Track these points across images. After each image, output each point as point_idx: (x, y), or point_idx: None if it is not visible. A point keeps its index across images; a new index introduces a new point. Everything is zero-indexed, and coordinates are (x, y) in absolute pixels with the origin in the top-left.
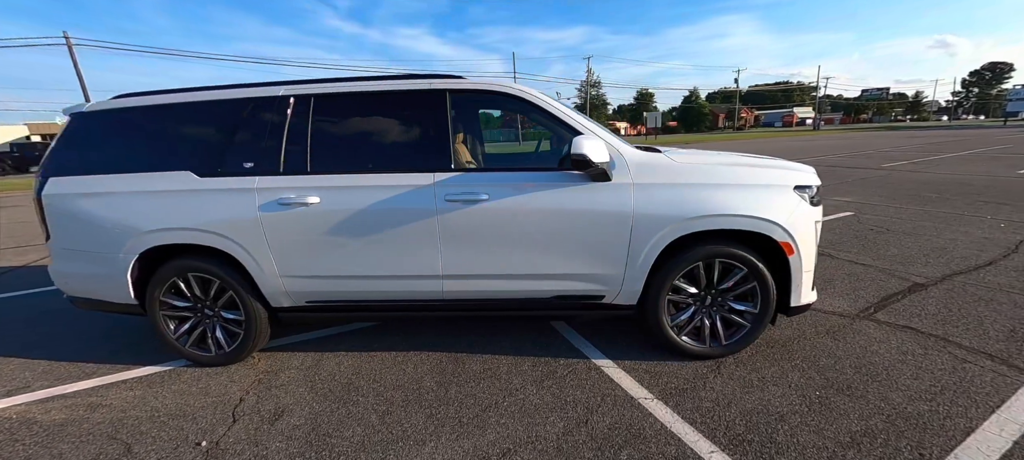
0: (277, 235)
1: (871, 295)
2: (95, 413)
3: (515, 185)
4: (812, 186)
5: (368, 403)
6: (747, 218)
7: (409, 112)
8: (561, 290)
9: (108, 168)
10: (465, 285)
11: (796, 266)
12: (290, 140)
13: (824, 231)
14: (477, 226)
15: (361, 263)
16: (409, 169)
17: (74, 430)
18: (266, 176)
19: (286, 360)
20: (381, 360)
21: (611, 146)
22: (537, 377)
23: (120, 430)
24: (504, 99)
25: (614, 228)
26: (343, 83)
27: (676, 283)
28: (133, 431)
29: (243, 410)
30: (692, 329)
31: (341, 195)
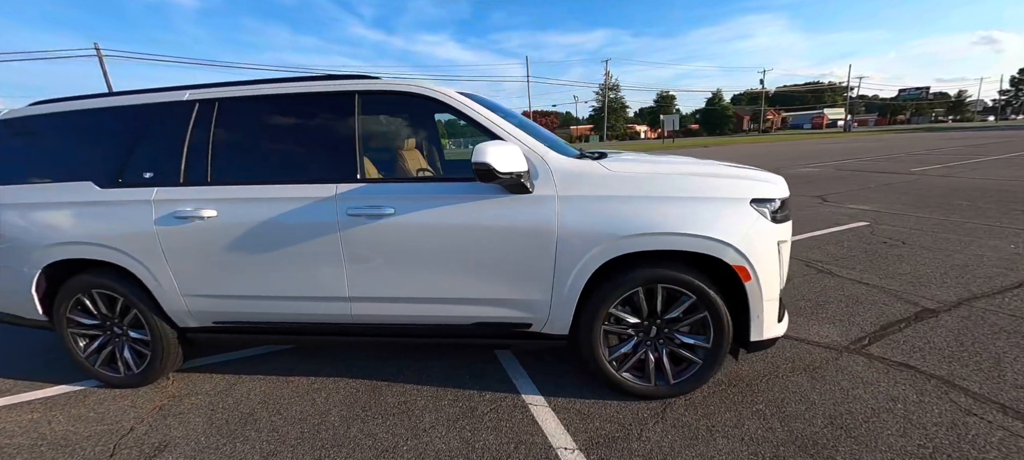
0: (175, 251)
1: (868, 322)
2: None
3: (426, 198)
4: (774, 200)
5: (259, 440)
6: (691, 237)
7: (315, 117)
8: (482, 316)
9: (16, 178)
10: (375, 308)
11: (754, 294)
12: (192, 148)
13: (828, 245)
14: (383, 243)
15: (263, 282)
16: (311, 180)
17: None
18: (165, 187)
19: (199, 383)
20: (296, 387)
21: (533, 153)
22: (453, 415)
23: None
24: (419, 101)
25: (536, 247)
26: (249, 85)
27: (612, 311)
28: None
29: (127, 442)
30: (635, 364)
31: (239, 208)
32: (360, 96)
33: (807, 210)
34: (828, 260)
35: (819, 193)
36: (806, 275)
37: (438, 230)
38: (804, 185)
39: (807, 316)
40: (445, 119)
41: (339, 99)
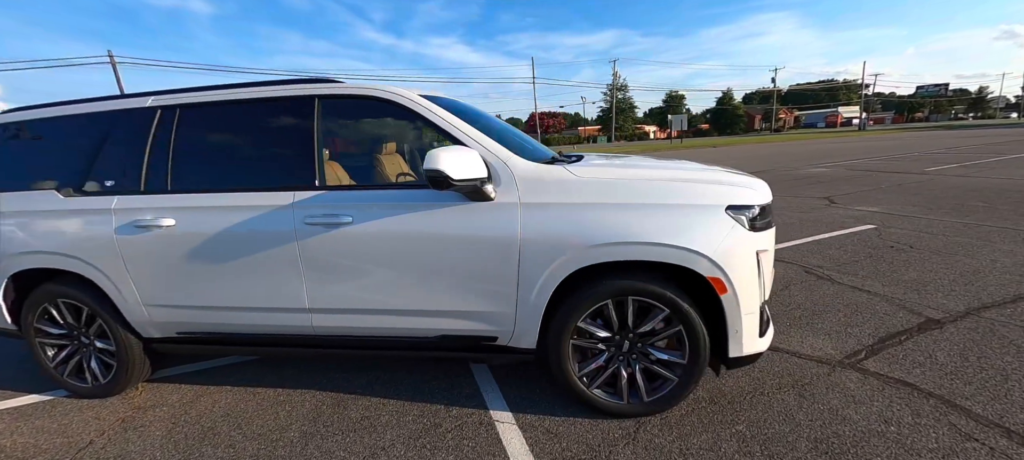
0: (135, 260)
1: (867, 334)
2: None
3: (384, 206)
4: (753, 207)
5: (215, 457)
6: (661, 247)
7: (274, 122)
8: (446, 329)
9: None
10: (336, 320)
11: (731, 307)
12: (153, 156)
13: (830, 249)
14: (342, 253)
15: (222, 293)
16: (269, 188)
17: None
18: (126, 195)
19: (166, 394)
20: (261, 399)
21: (496, 158)
22: (416, 432)
23: None
24: (378, 104)
25: (499, 257)
26: (211, 91)
27: (581, 325)
28: None
29: (83, 456)
30: (607, 380)
31: (198, 217)
32: (320, 101)
33: (812, 212)
34: (829, 265)
35: (827, 194)
36: (804, 282)
37: (397, 239)
38: (812, 186)
39: (801, 327)
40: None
41: (298, 104)
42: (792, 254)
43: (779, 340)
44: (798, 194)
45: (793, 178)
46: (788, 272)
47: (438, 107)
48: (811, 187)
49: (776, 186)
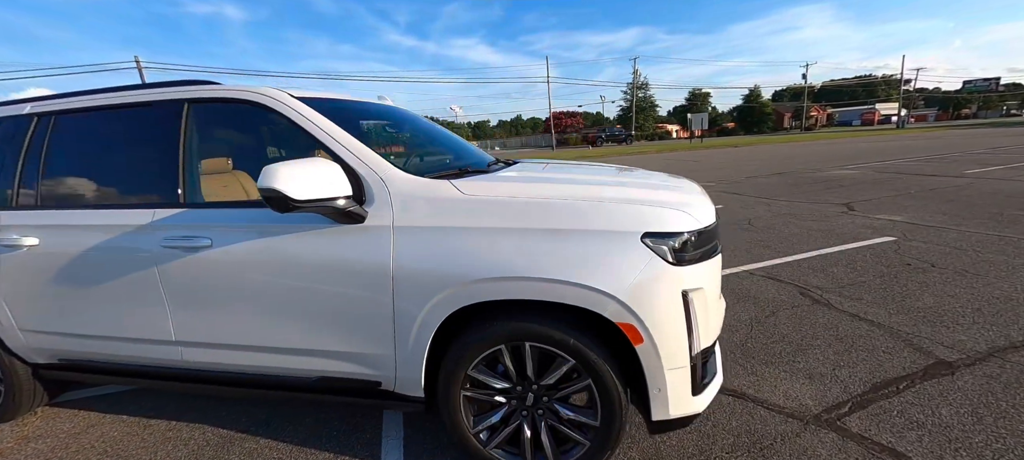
0: (4, 282)
1: (857, 378)
2: None
3: (246, 227)
4: (681, 234)
5: None
6: (557, 284)
7: (142, 130)
8: (324, 370)
9: None
10: (206, 355)
11: (650, 360)
12: (25, 167)
13: (836, 266)
14: (202, 280)
15: (92, 320)
16: (130, 205)
17: None
18: (6, 211)
19: (60, 423)
20: (149, 433)
21: (371, 171)
22: None
23: None
24: (249, 108)
25: (370, 290)
26: (88, 96)
27: (472, 373)
28: None
29: None
30: (509, 438)
31: (60, 236)
32: (190, 105)
33: (825, 221)
34: (830, 287)
35: (847, 200)
36: (796, 307)
37: (261, 266)
38: (832, 190)
39: (778, 365)
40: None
41: (166, 109)
42: (790, 271)
43: (748, 382)
44: (815, 200)
45: (812, 181)
46: (780, 294)
47: (310, 110)
48: (831, 192)
49: (790, 191)
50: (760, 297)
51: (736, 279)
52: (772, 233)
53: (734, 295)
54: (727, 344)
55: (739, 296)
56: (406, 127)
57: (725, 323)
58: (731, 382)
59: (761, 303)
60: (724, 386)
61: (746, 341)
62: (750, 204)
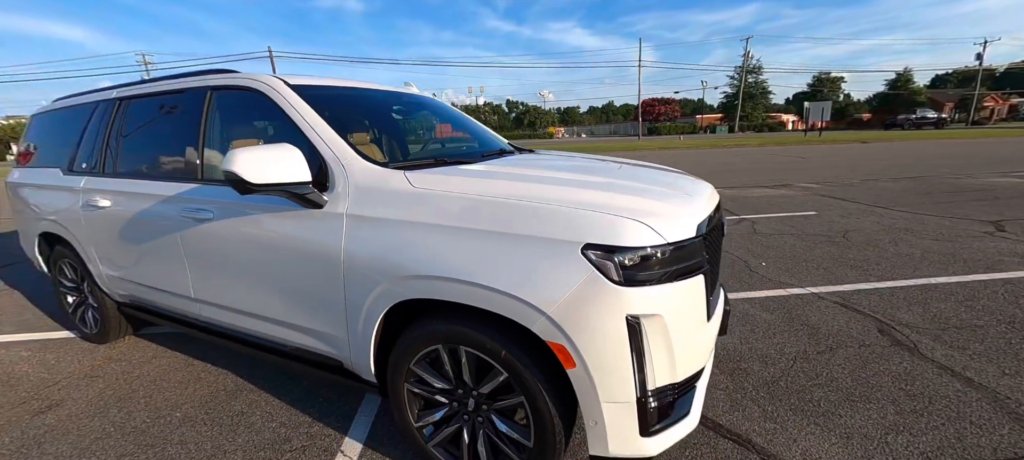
0: (92, 233)
1: (916, 450)
2: None
3: (233, 204)
4: (636, 248)
5: (109, 422)
6: (482, 290)
7: (174, 113)
8: (296, 342)
9: (35, 163)
10: (216, 314)
11: (584, 388)
12: (108, 143)
13: (946, 301)
14: (207, 248)
15: (142, 272)
16: (164, 177)
17: None
18: (91, 176)
19: (135, 351)
20: (189, 372)
21: (336, 159)
22: (264, 443)
23: None
24: (251, 94)
25: (324, 274)
26: (139, 85)
27: (414, 368)
28: None
29: (40, 393)
30: (449, 438)
31: (121, 201)
32: (212, 92)
33: (955, 243)
34: (925, 327)
35: (997, 218)
36: (866, 345)
37: (244, 240)
38: (978, 204)
39: (810, 415)
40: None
41: (192, 96)
42: (875, 301)
43: (760, 429)
44: (950, 213)
45: (955, 190)
46: (850, 326)
47: (297, 97)
48: (977, 205)
49: (918, 200)
50: (821, 328)
51: (796, 302)
52: (870, 251)
53: (788, 319)
54: (754, 377)
55: (793, 323)
56: (414, 114)
57: (756, 353)
58: (737, 424)
59: (820, 335)
60: (721, 426)
61: (780, 379)
62: (855, 213)
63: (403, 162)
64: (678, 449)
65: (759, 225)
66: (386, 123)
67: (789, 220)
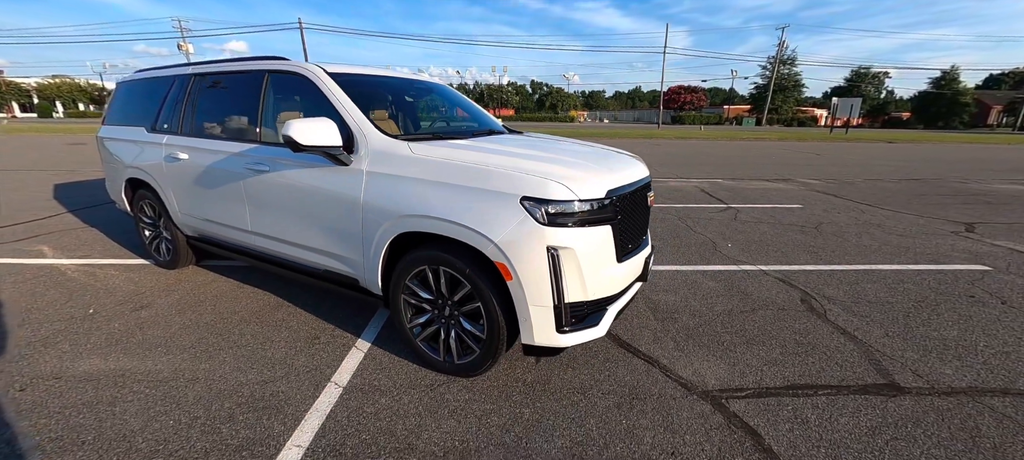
0: (171, 179)
1: (780, 376)
2: (81, 275)
3: (284, 160)
4: (556, 201)
5: (184, 322)
6: (454, 225)
7: (241, 88)
8: (326, 265)
9: (121, 121)
10: (266, 244)
11: (517, 295)
12: (186, 108)
13: (879, 284)
14: (263, 193)
15: (209, 210)
16: (230, 138)
17: (56, 281)
18: (170, 135)
19: (198, 275)
20: (240, 292)
21: (359, 131)
22: (299, 338)
23: (74, 288)
24: (299, 79)
25: (349, 214)
26: (210, 63)
27: (408, 283)
28: (76, 288)
29: (131, 297)
30: (431, 336)
31: (195, 155)
32: (268, 75)
33: (917, 239)
34: (843, 300)
35: (974, 220)
36: (783, 309)
37: (292, 189)
38: (963, 207)
39: (712, 350)
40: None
41: (254, 76)
42: (812, 279)
43: (669, 355)
44: (930, 214)
45: (949, 194)
46: (778, 296)
47: (332, 82)
48: (962, 208)
49: (907, 201)
50: (754, 295)
51: (744, 276)
52: (834, 240)
53: (728, 287)
54: (679, 324)
55: (731, 290)
56: (424, 97)
57: (690, 308)
58: (652, 351)
59: (749, 300)
60: (639, 350)
61: (700, 326)
62: (840, 209)
63: (409, 135)
64: (602, 360)
65: (742, 214)
66: (401, 103)
67: (772, 211)
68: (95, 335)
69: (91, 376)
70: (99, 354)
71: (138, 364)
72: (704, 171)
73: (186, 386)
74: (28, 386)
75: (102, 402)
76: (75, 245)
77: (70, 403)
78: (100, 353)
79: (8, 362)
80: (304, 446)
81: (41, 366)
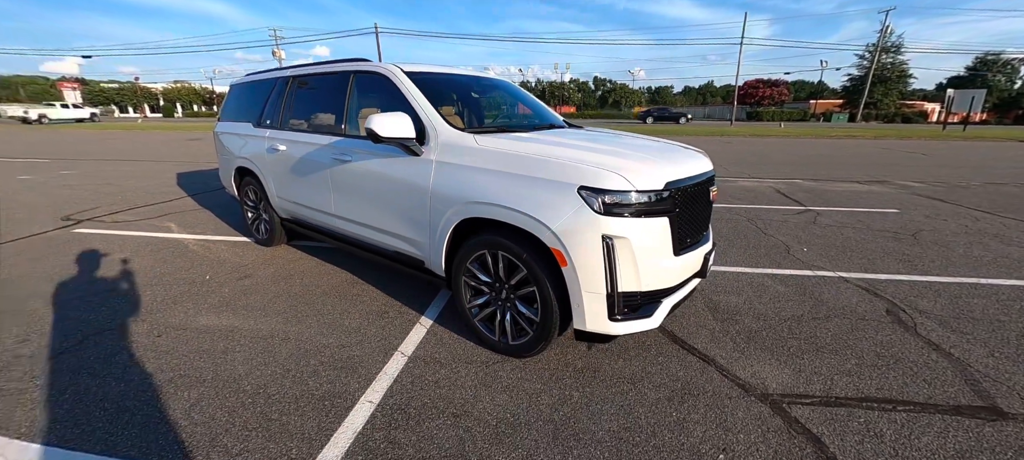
0: (271, 167)
1: (853, 386)
2: (199, 248)
3: (364, 151)
4: (612, 191)
5: (277, 292)
6: (514, 212)
7: (330, 88)
8: (397, 247)
9: (232, 118)
10: (347, 226)
11: (571, 281)
12: (284, 106)
13: (985, 299)
14: (345, 180)
15: (300, 194)
16: (320, 131)
17: (180, 251)
18: (272, 129)
19: (286, 253)
20: (322, 269)
21: (430, 124)
22: (372, 313)
23: (194, 258)
24: (379, 78)
25: (419, 200)
26: (304, 66)
27: (469, 266)
28: (195, 258)
29: (235, 267)
30: (488, 317)
31: (292, 147)
32: (354, 75)
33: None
34: (939, 315)
35: None
36: (863, 319)
37: (370, 176)
38: None
39: (776, 354)
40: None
41: (342, 76)
42: (904, 290)
43: (727, 356)
44: None
45: None
46: (860, 305)
47: (408, 80)
48: None
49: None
50: (829, 302)
51: (818, 282)
52: (934, 249)
53: (800, 292)
54: (741, 325)
55: (803, 295)
56: (488, 93)
57: (754, 311)
58: (708, 349)
59: (823, 308)
60: (695, 348)
61: (764, 330)
62: (947, 215)
63: (475, 128)
64: (654, 354)
65: (823, 217)
66: (467, 99)
67: (860, 215)
68: (210, 297)
69: (208, 329)
70: (214, 312)
71: (243, 323)
72: (781, 171)
73: (280, 344)
74: (163, 334)
75: (216, 351)
76: (194, 223)
77: (193, 349)
78: (214, 311)
79: (149, 313)
80: (374, 402)
81: (171, 318)
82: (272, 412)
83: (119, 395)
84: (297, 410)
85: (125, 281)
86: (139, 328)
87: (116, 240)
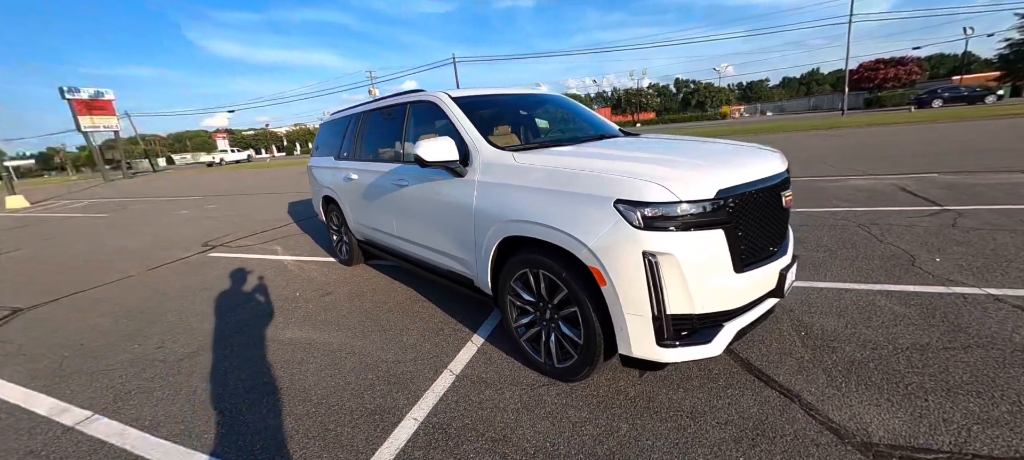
0: (347, 195)
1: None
2: (295, 267)
3: (418, 176)
4: (650, 203)
5: (351, 308)
6: (550, 229)
7: (389, 120)
8: (449, 266)
9: (320, 153)
10: (407, 247)
11: (612, 301)
12: (356, 139)
13: None
14: (403, 204)
15: (370, 218)
16: (383, 159)
17: (280, 270)
18: (348, 160)
19: (364, 272)
20: (391, 286)
21: (473, 145)
22: (429, 330)
23: (290, 276)
24: (429, 106)
25: (463, 219)
26: (371, 102)
27: (512, 285)
28: (291, 276)
29: (319, 284)
30: (533, 337)
31: (362, 175)
32: (410, 106)
33: None
34: None
35: None
36: (1019, 352)
37: (422, 199)
38: None
39: (887, 394)
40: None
41: (400, 107)
42: None
43: (817, 392)
44: None
45: None
46: (1019, 332)
47: (454, 105)
48: None
49: None
50: (971, 328)
51: (954, 300)
52: None
53: (926, 314)
54: (839, 355)
55: (930, 318)
56: (537, 109)
57: (858, 337)
58: (793, 383)
59: (962, 335)
60: (775, 380)
61: (870, 361)
62: None
63: (514, 146)
64: (722, 385)
65: (966, 217)
66: (517, 117)
67: (1022, 214)
68: (297, 312)
69: (291, 342)
70: (297, 326)
71: (319, 336)
72: (909, 164)
73: (346, 357)
74: (256, 345)
75: (294, 362)
76: (294, 246)
77: (275, 360)
78: (298, 325)
79: (247, 327)
80: (419, 420)
81: (265, 331)
82: (329, 423)
83: (216, 398)
84: (351, 422)
85: (235, 297)
86: (239, 340)
87: (236, 262)
